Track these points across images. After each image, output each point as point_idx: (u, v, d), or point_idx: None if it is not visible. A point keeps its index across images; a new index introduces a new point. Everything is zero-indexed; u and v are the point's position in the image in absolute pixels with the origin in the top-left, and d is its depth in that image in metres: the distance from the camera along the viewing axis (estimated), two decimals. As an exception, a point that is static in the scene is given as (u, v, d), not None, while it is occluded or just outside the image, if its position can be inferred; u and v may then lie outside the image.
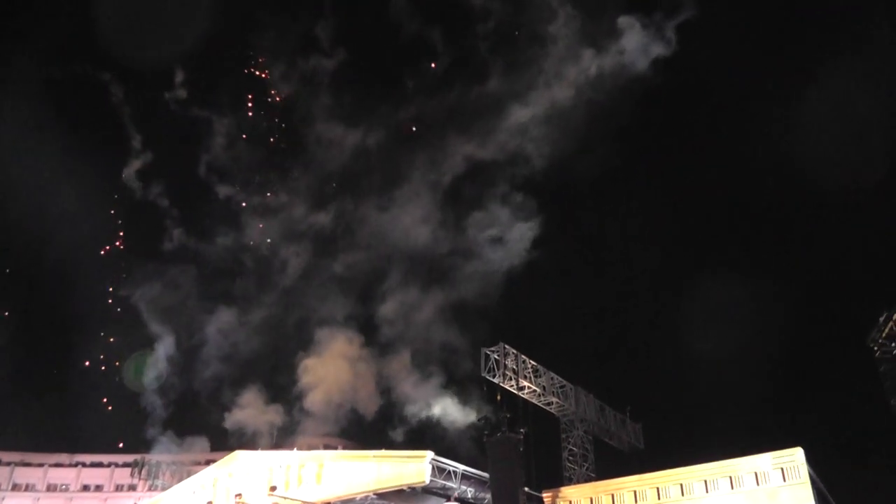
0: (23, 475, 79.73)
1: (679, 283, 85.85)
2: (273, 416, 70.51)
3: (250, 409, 70.85)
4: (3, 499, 77.04)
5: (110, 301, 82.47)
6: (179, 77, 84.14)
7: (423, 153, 75.82)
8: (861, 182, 70.81)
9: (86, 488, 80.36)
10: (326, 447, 68.30)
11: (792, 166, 77.05)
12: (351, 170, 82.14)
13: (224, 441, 72.58)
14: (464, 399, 59.11)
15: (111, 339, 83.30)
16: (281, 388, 72.12)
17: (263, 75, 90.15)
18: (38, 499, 78.37)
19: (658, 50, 65.00)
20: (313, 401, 67.38)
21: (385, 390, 67.79)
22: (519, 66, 72.45)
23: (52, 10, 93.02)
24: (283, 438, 68.54)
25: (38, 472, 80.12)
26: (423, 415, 61.23)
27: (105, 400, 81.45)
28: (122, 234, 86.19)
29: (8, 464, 79.66)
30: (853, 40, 73.64)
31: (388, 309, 70.72)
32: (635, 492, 45.93)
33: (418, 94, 79.04)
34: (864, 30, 73.28)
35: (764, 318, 75.64)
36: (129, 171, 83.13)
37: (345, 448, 67.28)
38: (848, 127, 71.86)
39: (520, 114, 70.01)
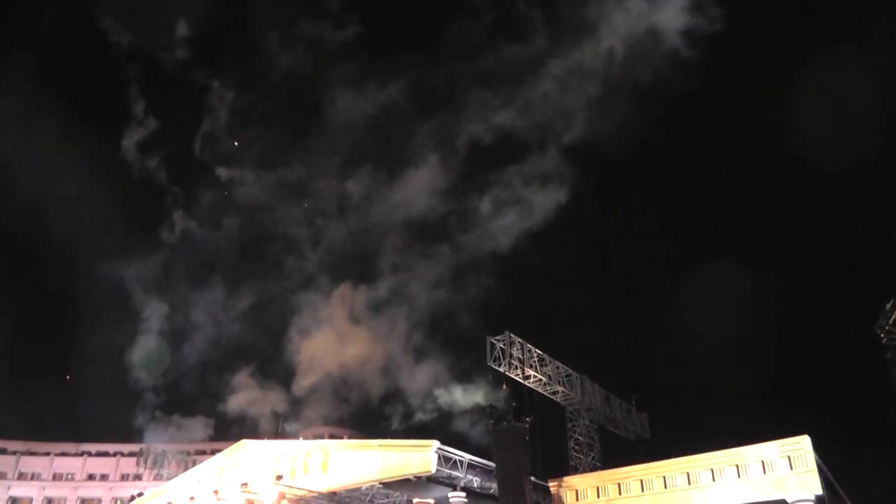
0: (28, 464, 80.00)
1: (686, 272, 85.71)
2: (276, 401, 70.59)
3: (252, 395, 70.88)
4: (9, 488, 77.24)
5: (110, 285, 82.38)
6: (182, 31, 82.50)
7: (442, 121, 74.58)
8: (870, 170, 70.44)
9: (91, 477, 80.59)
10: (332, 437, 68.34)
11: (799, 154, 76.69)
12: (368, 140, 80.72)
13: (227, 431, 72.78)
14: (469, 385, 59.08)
15: (112, 325, 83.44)
16: (284, 370, 72.20)
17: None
18: (44, 488, 78.57)
19: (699, 22, 64.05)
20: (316, 382, 67.43)
21: (389, 375, 67.78)
22: (558, 28, 71.09)
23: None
24: (287, 423, 68.63)
25: (44, 461, 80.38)
26: (429, 402, 61.21)
27: (108, 388, 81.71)
28: (122, 214, 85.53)
29: (13, 453, 79.87)
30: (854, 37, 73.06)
31: (391, 287, 70.47)
32: (641, 481, 45.62)
33: (451, 57, 77.17)
34: (864, 31, 72.56)
35: (770, 305, 75.53)
36: (129, 143, 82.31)
37: (350, 437, 67.32)
38: (858, 115, 71.26)
39: (552, 83, 69.08)
